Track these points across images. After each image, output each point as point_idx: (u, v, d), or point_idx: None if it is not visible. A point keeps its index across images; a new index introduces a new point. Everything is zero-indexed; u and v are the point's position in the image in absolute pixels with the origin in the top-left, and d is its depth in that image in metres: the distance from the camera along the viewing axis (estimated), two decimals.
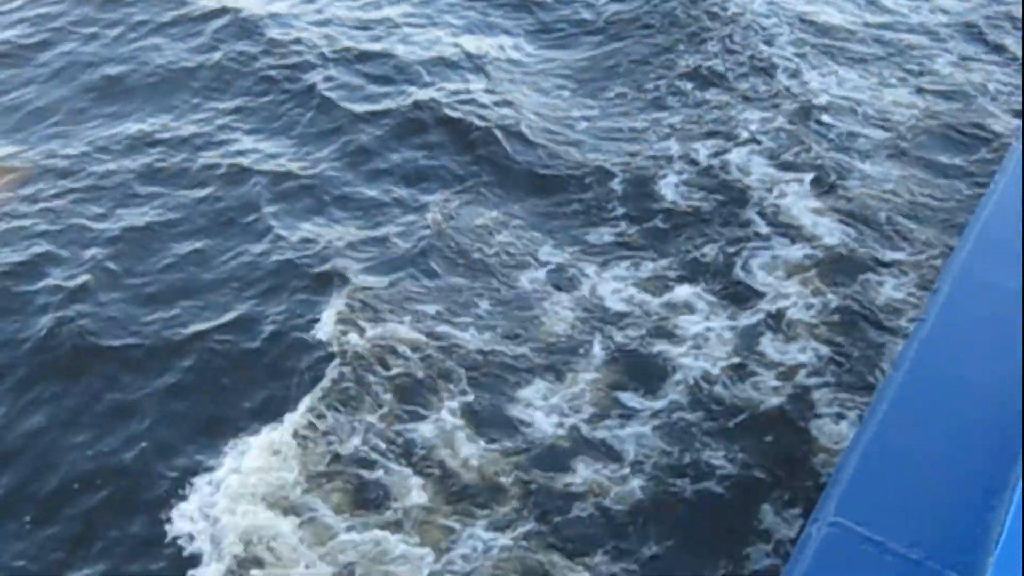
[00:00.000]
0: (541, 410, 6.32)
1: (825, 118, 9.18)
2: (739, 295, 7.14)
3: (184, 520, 5.71)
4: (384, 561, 5.48)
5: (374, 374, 6.55)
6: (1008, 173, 5.26)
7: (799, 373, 6.49)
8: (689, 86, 9.68)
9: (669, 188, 8.25)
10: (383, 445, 6.10)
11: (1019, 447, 4.04)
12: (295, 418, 6.25)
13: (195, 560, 5.51)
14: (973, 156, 8.76)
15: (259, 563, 5.44)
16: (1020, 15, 11.00)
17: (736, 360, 6.57)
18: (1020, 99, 9.46)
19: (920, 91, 9.75)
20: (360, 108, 9.32)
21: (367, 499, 5.83)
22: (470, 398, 6.40)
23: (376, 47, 10.30)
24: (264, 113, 9.32)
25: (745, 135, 8.86)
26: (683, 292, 7.18)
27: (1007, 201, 5.07)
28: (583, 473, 5.90)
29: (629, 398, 6.37)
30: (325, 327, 6.92)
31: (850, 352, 6.66)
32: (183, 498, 5.83)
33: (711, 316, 6.97)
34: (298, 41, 10.26)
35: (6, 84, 9.75)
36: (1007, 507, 3.83)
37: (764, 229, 7.74)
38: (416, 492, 5.84)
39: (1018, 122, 8.95)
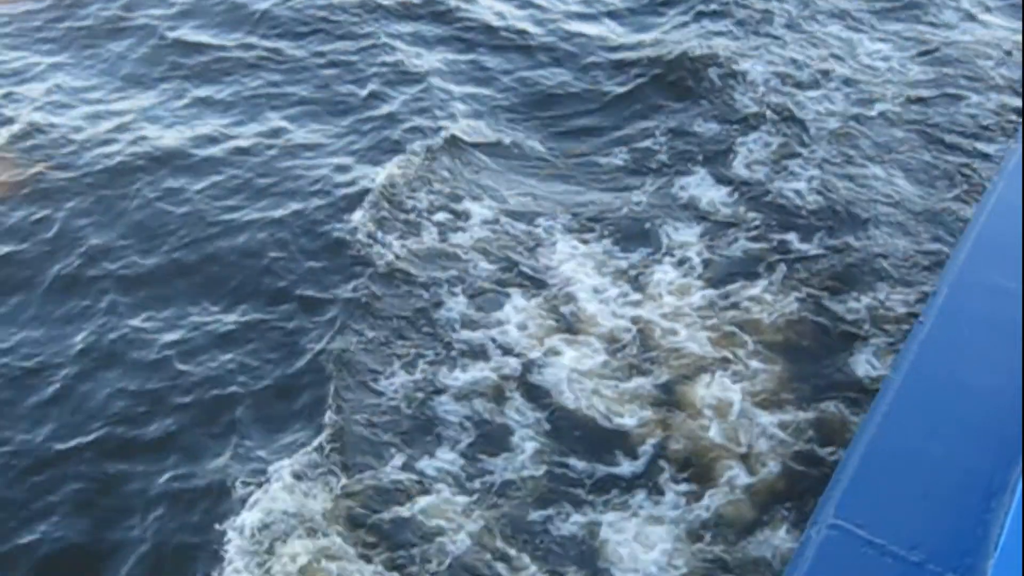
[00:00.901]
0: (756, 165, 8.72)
1: None
2: (852, 82, 9.87)
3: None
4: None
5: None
6: (1007, 174, 5.22)
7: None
8: None
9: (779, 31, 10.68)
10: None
11: (1019, 449, 4.02)
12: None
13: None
14: None
15: None
16: None
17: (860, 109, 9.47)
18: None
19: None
20: (506, 30, 10.84)
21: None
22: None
23: None
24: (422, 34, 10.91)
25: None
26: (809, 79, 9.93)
27: (1006, 202, 5.04)
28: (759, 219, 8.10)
29: (796, 151, 8.81)
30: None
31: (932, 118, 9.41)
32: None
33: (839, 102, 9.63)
34: None
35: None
36: (1007, 509, 3.82)
37: (853, 61, 10.37)
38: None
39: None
